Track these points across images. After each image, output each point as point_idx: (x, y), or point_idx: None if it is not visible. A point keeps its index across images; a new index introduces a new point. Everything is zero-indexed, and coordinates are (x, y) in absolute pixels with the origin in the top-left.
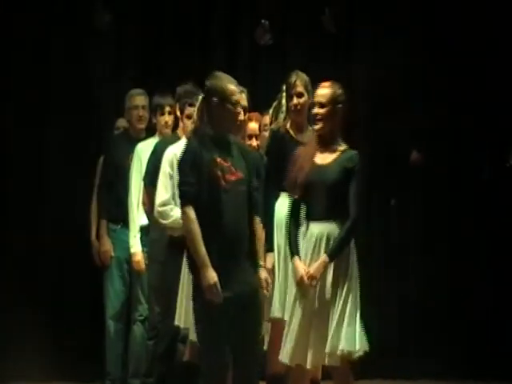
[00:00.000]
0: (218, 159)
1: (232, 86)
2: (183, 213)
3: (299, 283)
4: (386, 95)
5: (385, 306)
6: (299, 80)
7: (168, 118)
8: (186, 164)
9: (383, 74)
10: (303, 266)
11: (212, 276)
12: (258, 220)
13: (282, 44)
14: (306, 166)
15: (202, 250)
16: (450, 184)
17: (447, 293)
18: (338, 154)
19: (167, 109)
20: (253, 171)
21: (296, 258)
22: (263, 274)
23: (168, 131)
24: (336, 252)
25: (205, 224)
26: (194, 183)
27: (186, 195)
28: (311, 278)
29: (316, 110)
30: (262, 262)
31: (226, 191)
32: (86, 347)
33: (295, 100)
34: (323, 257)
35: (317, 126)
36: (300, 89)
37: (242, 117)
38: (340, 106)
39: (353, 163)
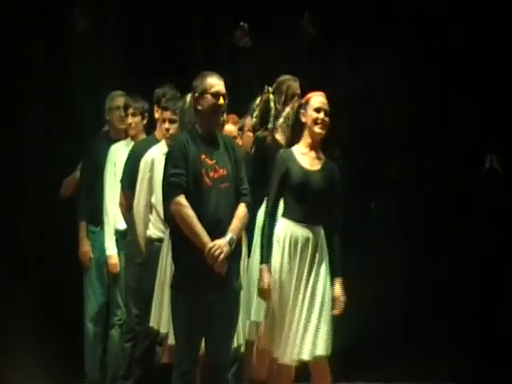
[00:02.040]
0: (203, 157)
1: (211, 79)
2: (176, 203)
3: (263, 291)
4: (364, 98)
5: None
6: (294, 82)
7: (131, 120)
8: (175, 156)
9: (362, 77)
10: (271, 278)
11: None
12: (242, 204)
13: (261, 46)
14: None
15: (202, 229)
16: (430, 187)
17: (427, 296)
18: (322, 161)
19: (130, 111)
20: (239, 164)
21: (266, 266)
22: (220, 241)
23: (133, 132)
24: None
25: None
26: (184, 174)
27: (177, 185)
28: (342, 303)
29: (324, 117)
30: (228, 234)
31: (208, 188)
32: (64, 349)
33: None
34: (340, 279)
35: (323, 131)
36: (299, 91)
37: (223, 105)
38: None
39: (336, 174)
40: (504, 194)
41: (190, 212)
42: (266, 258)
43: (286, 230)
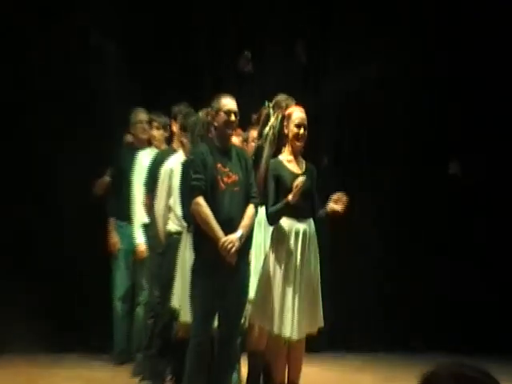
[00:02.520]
0: (219, 165)
1: (224, 100)
2: (196, 203)
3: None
4: (348, 115)
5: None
6: (291, 102)
7: (156, 133)
8: (195, 164)
9: (346, 98)
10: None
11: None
12: (251, 204)
13: (261, 71)
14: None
15: (217, 226)
16: (405, 188)
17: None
18: (304, 164)
19: (155, 124)
20: (249, 172)
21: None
22: (232, 236)
23: (157, 143)
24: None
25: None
26: (203, 179)
27: (197, 188)
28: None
29: (304, 132)
30: (239, 230)
31: (223, 191)
32: (97, 324)
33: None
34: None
35: (303, 144)
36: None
37: (234, 121)
38: None
39: (315, 173)
40: (463, 194)
41: (207, 211)
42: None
43: (288, 225)
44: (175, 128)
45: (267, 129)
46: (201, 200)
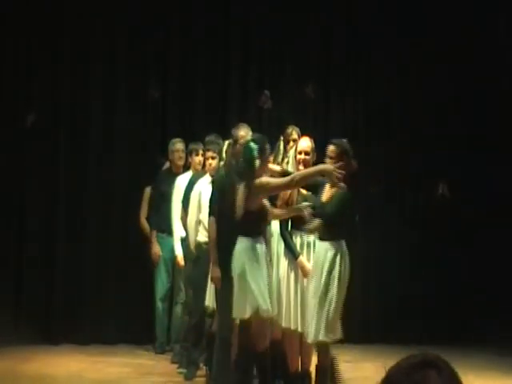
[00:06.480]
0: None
1: (241, 131)
2: (209, 222)
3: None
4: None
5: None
6: (295, 130)
7: (200, 159)
8: (214, 187)
9: (349, 129)
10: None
11: (216, 271)
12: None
13: (278, 106)
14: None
15: (215, 251)
16: (402, 205)
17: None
18: None
19: (200, 152)
20: None
21: (300, 258)
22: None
23: (199, 168)
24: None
25: (227, 230)
26: (217, 201)
27: (211, 210)
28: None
29: (305, 157)
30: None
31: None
32: (142, 320)
33: (292, 143)
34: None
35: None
36: (295, 137)
37: None
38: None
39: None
40: (450, 211)
41: (214, 235)
42: (296, 253)
43: (296, 238)
44: (205, 154)
45: (291, 159)
46: (213, 221)
